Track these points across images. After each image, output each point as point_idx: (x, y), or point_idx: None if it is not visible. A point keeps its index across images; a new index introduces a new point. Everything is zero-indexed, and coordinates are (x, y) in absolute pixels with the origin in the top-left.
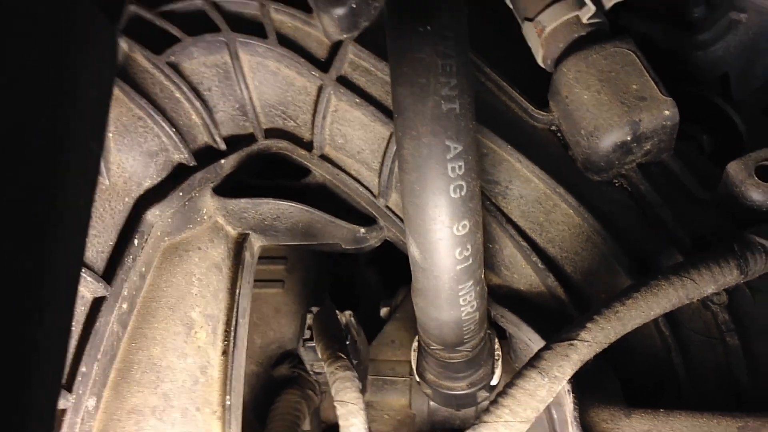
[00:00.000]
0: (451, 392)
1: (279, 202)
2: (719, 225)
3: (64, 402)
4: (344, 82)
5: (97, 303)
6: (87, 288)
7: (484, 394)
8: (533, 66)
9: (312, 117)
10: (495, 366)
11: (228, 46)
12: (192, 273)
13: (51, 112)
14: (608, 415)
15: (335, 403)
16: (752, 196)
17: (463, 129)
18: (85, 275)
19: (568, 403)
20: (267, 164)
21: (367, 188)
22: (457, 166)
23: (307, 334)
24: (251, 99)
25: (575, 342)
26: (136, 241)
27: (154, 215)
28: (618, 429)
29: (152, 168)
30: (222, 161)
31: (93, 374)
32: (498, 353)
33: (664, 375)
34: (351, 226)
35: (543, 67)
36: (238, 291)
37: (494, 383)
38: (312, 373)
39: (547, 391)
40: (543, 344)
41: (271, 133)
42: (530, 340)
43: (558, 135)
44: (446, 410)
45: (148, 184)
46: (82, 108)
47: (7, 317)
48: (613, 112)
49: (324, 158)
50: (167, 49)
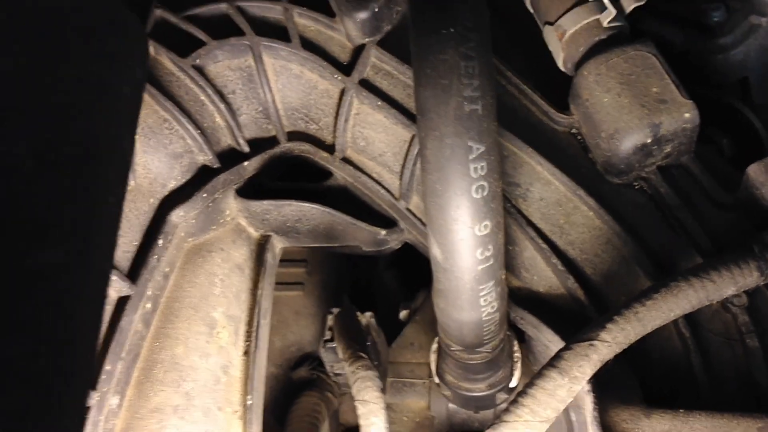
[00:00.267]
0: (471, 394)
1: (301, 204)
2: (739, 227)
3: (89, 400)
4: (366, 86)
5: (122, 302)
6: (112, 287)
7: (503, 396)
8: (554, 69)
9: (334, 120)
10: (514, 368)
11: (252, 50)
12: (215, 274)
13: (89, 108)
14: (628, 416)
15: (356, 403)
16: None
17: (486, 130)
18: (111, 274)
19: (588, 403)
20: (289, 167)
21: (388, 191)
22: (480, 167)
23: (328, 335)
24: (274, 102)
25: (595, 342)
26: (161, 242)
27: (179, 216)
28: (638, 429)
29: (177, 169)
30: (245, 163)
31: (117, 372)
32: (517, 355)
33: (683, 376)
34: (372, 228)
35: (563, 71)
36: (260, 292)
37: (513, 385)
38: (332, 375)
39: (567, 391)
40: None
41: (294, 136)
42: (550, 342)
43: (578, 138)
44: (465, 413)
45: (173, 186)
46: (117, 105)
47: (42, 311)
48: (634, 115)
49: (346, 161)
50: (192, 53)
